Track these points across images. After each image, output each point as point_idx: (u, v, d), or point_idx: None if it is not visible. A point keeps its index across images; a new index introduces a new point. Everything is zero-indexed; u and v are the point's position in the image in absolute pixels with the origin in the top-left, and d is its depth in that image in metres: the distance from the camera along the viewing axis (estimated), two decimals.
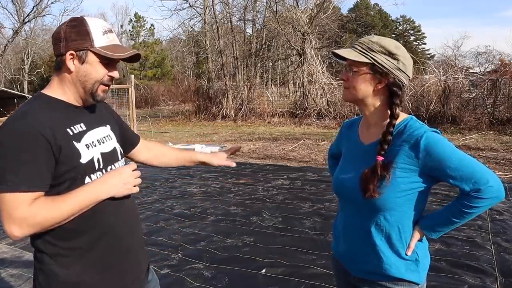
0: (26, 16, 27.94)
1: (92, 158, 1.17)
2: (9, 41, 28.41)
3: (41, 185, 1.05)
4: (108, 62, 1.17)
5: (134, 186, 1.21)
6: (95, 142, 1.21)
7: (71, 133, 1.13)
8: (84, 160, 1.14)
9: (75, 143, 1.13)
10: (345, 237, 1.31)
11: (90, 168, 1.16)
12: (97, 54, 1.13)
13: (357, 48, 1.18)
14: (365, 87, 1.18)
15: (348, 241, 1.29)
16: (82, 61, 1.13)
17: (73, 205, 1.07)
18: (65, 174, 1.10)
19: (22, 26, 29.06)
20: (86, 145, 1.17)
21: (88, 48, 1.12)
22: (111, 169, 1.24)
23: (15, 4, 29.20)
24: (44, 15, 34.22)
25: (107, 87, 1.20)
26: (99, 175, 1.18)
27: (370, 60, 1.15)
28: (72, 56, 1.13)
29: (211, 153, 1.68)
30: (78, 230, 1.12)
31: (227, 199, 4.89)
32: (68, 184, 1.10)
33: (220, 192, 5.25)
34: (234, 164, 1.67)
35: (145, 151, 1.56)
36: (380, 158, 1.15)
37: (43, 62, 36.29)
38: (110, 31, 1.18)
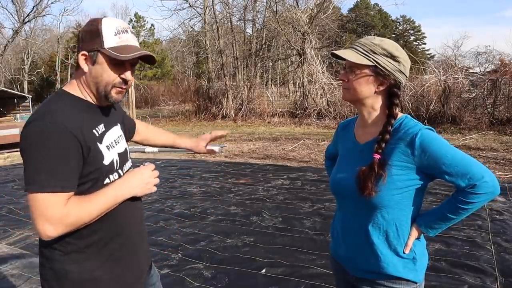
0: (26, 16, 27.97)
1: (113, 159, 1.19)
2: (9, 41, 28.43)
3: (73, 185, 1.06)
4: (119, 63, 1.12)
5: (154, 185, 1.23)
6: (113, 142, 1.22)
7: (97, 134, 1.15)
8: (106, 161, 1.15)
9: (99, 144, 1.14)
10: (343, 237, 1.31)
11: (110, 169, 1.17)
12: (106, 56, 1.10)
13: (358, 50, 1.17)
14: (367, 89, 1.19)
15: (346, 240, 1.30)
16: (93, 62, 1.12)
17: (100, 205, 1.08)
18: (89, 174, 1.10)
19: (22, 26, 29.08)
20: (107, 146, 1.18)
21: (98, 49, 1.10)
22: (124, 169, 1.25)
23: (15, 4, 29.24)
24: (44, 15, 34.25)
25: (122, 89, 1.17)
26: (116, 176, 1.20)
27: (372, 62, 1.16)
28: (84, 57, 1.12)
29: (194, 140, 1.69)
30: (94, 228, 1.13)
31: (227, 199, 4.89)
32: (90, 184, 1.11)
33: (220, 192, 5.25)
34: (216, 149, 1.78)
35: (137, 134, 1.63)
36: (377, 156, 1.15)
37: (43, 62, 36.30)
38: (126, 31, 1.14)
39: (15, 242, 3.68)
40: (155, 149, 9.02)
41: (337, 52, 1.18)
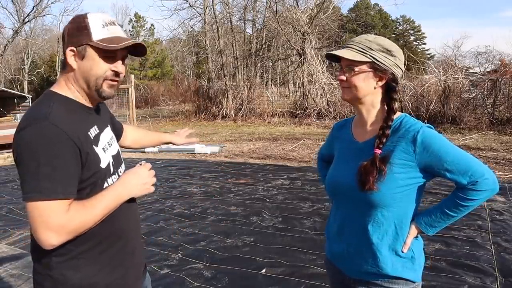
0: (26, 16, 27.93)
1: (109, 162, 1.16)
2: (9, 41, 28.40)
3: (73, 191, 1.03)
4: (110, 56, 1.10)
5: (152, 185, 1.23)
6: (107, 145, 1.19)
7: (91, 137, 1.12)
8: (103, 164, 1.13)
9: (95, 147, 1.12)
10: (340, 238, 1.29)
11: (108, 172, 1.15)
12: (95, 48, 1.07)
13: (354, 48, 1.18)
14: (367, 85, 1.19)
15: (344, 241, 1.28)
16: (82, 57, 1.09)
17: (102, 208, 1.06)
18: (88, 179, 1.08)
19: (22, 26, 29.05)
20: (103, 148, 1.15)
21: (87, 42, 1.07)
22: (119, 171, 1.24)
23: (15, 4, 29.20)
24: (44, 15, 34.23)
25: (114, 83, 1.13)
26: (115, 178, 1.18)
27: (370, 58, 1.17)
28: (72, 53, 1.09)
29: (174, 133, 1.81)
30: (92, 233, 1.09)
31: (227, 199, 4.89)
32: (89, 189, 1.09)
33: (220, 192, 5.25)
34: (195, 140, 1.86)
35: (125, 139, 1.62)
36: (378, 151, 1.16)
37: (43, 62, 36.31)
38: (113, 23, 1.12)
39: (15, 242, 3.68)
40: (155, 149, 9.01)
41: (335, 52, 1.18)
